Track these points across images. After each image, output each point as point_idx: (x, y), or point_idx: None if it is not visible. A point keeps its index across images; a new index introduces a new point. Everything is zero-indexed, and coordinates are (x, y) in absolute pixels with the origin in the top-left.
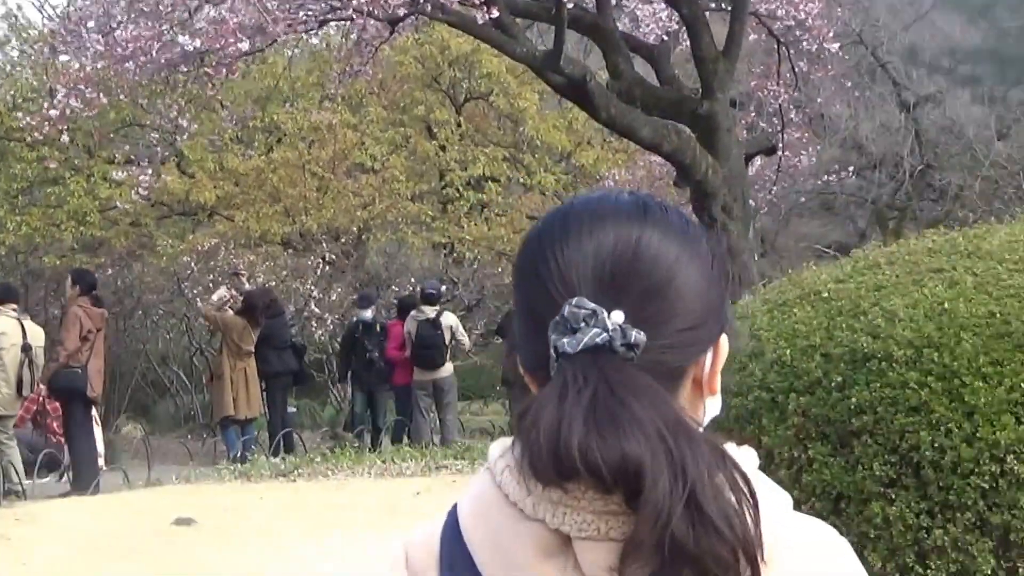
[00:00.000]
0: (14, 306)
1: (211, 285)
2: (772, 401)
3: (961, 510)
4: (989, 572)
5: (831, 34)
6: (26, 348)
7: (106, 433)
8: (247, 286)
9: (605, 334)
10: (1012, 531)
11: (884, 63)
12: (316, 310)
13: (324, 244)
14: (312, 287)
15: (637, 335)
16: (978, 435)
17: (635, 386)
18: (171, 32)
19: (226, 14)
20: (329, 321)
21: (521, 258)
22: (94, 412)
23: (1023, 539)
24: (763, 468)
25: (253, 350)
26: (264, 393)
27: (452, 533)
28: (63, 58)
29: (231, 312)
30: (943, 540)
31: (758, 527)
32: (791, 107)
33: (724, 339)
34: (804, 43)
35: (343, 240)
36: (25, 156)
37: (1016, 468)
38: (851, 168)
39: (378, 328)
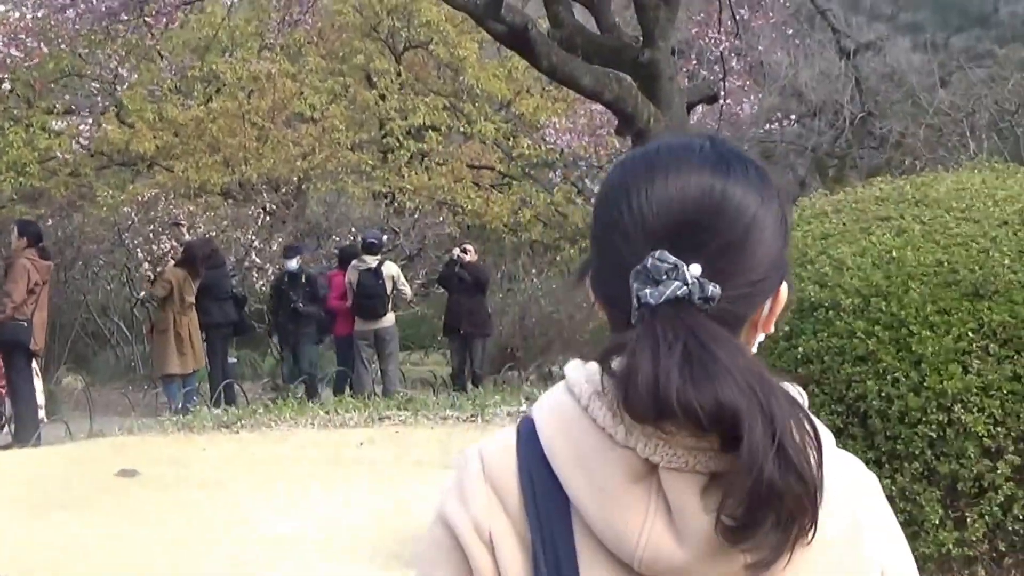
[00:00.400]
0: None
1: (151, 235)
2: None
3: (908, 459)
4: (937, 521)
5: None
6: None
7: (47, 385)
8: (187, 236)
9: (685, 287)
10: (959, 480)
11: (824, 10)
12: (257, 260)
13: (264, 194)
14: (253, 237)
15: (713, 289)
16: (925, 384)
17: (718, 337)
18: None
19: None
20: (270, 271)
21: (603, 196)
22: (35, 364)
23: (970, 488)
24: None
25: (194, 301)
26: (205, 344)
27: (530, 447)
28: (1, 8)
29: (171, 264)
30: (891, 490)
31: (820, 469)
32: (732, 55)
33: (784, 287)
34: None
35: (283, 190)
36: None
37: (963, 417)
38: (792, 116)
39: (304, 279)
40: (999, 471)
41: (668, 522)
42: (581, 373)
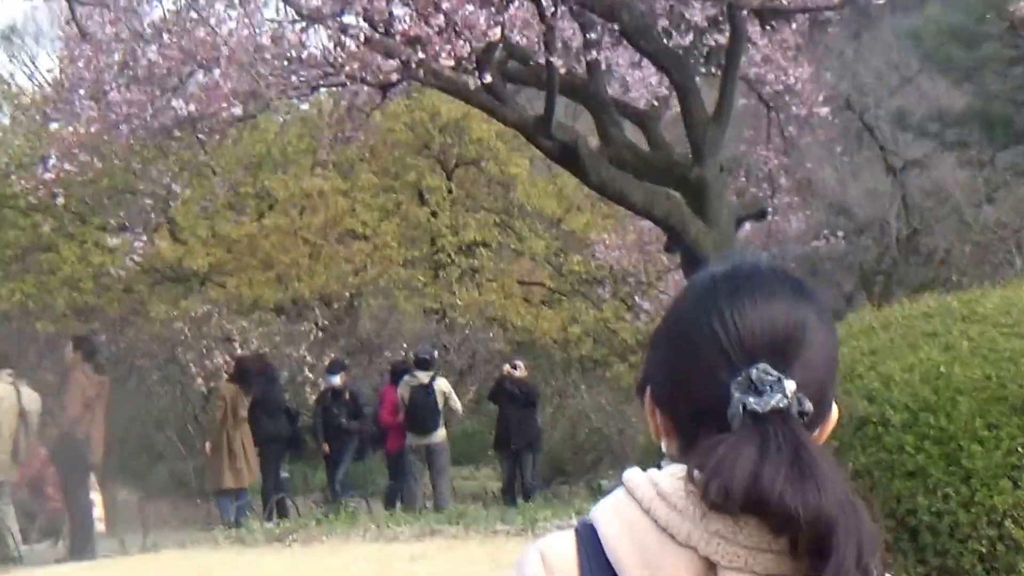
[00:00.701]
0: (9, 371)
1: (204, 351)
2: None
3: (959, 575)
4: None
5: (820, 99)
6: (22, 413)
7: (103, 497)
8: (239, 352)
9: (786, 399)
10: None
11: (871, 127)
12: (309, 375)
13: (317, 310)
14: (305, 353)
15: (808, 404)
16: (975, 499)
17: (819, 449)
18: (164, 97)
19: (219, 79)
20: (322, 386)
21: (683, 315)
22: (93, 478)
23: None
24: None
25: (247, 416)
26: (258, 458)
27: (592, 547)
28: (55, 124)
29: (224, 379)
30: None
31: None
32: (780, 171)
33: (834, 407)
34: (793, 108)
35: (335, 306)
36: (19, 222)
37: (1014, 533)
38: (839, 232)
39: (347, 395)
40: None
41: None
42: (641, 478)
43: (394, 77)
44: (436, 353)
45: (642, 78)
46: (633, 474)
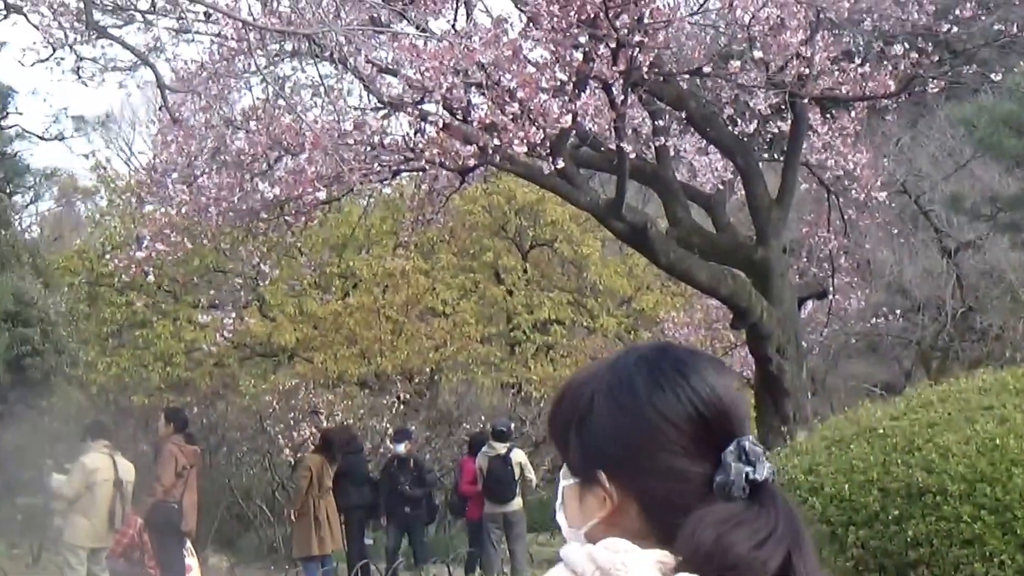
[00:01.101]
0: (106, 443)
1: (292, 423)
2: (832, 534)
3: None
4: None
5: (878, 184)
6: (118, 483)
7: (200, 563)
8: (325, 424)
9: (770, 468)
10: None
11: (927, 211)
12: (391, 447)
13: (399, 384)
14: (388, 425)
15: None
16: None
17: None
18: (252, 181)
19: (304, 164)
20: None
21: (637, 391)
22: (189, 545)
23: None
24: None
25: (331, 486)
26: (343, 526)
27: None
28: (148, 207)
29: (311, 450)
30: None
31: None
32: (840, 253)
33: None
34: (852, 192)
35: (416, 380)
36: (114, 300)
37: None
38: (897, 311)
39: (412, 463)
40: None
41: None
42: (580, 555)
43: (472, 162)
44: (512, 425)
45: (708, 163)
46: (571, 550)
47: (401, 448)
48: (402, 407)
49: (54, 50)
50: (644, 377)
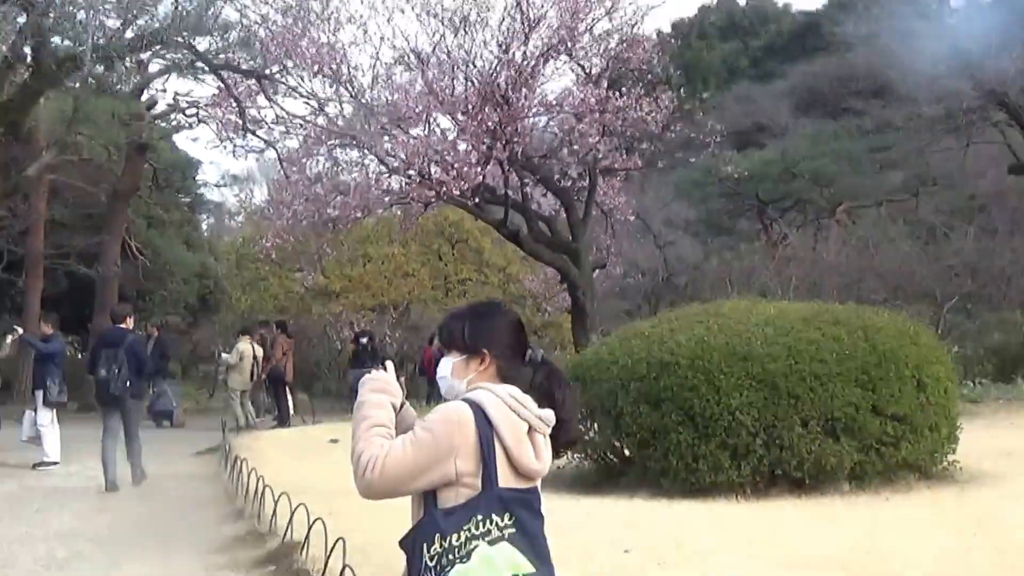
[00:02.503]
0: (248, 337)
1: (338, 328)
2: (621, 385)
3: (714, 438)
4: (729, 466)
5: (630, 211)
6: (254, 357)
7: (293, 398)
8: (357, 329)
9: (540, 352)
10: (740, 449)
11: (649, 226)
12: (363, 341)
13: (391, 310)
14: (387, 330)
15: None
16: (720, 402)
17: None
18: (321, 208)
19: (348, 199)
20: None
21: (504, 319)
22: (288, 388)
23: (747, 449)
24: (616, 419)
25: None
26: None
27: (479, 412)
28: (267, 221)
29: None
30: (705, 452)
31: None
32: (610, 245)
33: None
34: (617, 215)
35: (399, 309)
36: (249, 267)
37: (740, 417)
38: (634, 276)
39: (371, 349)
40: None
41: (534, 453)
42: (498, 388)
43: (432, 200)
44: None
45: (549, 201)
46: (488, 387)
47: (364, 340)
48: (393, 320)
49: (221, 141)
50: (495, 309)
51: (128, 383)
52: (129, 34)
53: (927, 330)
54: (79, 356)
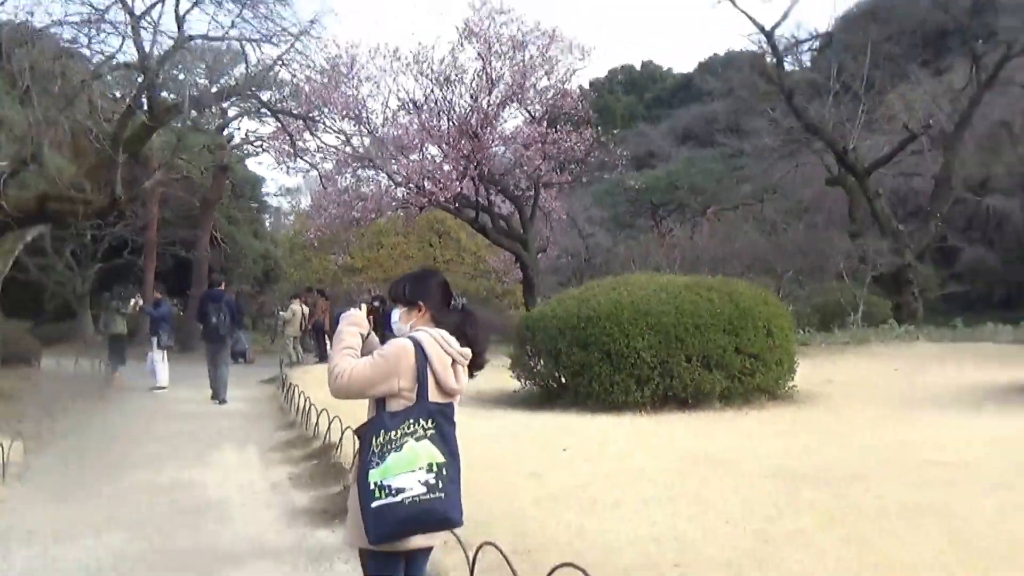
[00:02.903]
0: (298, 299)
1: (359, 294)
2: (559, 331)
3: (624, 370)
4: (635, 390)
5: (564, 212)
6: (303, 314)
7: (330, 342)
8: (372, 294)
9: (463, 300)
10: (642, 378)
11: (580, 227)
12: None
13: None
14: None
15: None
16: (629, 345)
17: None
18: (349, 211)
19: (367, 204)
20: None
21: (432, 282)
22: (326, 336)
23: (648, 378)
24: (555, 357)
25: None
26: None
27: (418, 346)
28: (310, 221)
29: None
30: (618, 380)
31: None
32: (549, 235)
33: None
34: (554, 215)
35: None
36: (299, 252)
37: (643, 355)
38: (565, 257)
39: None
40: (655, 371)
41: (456, 376)
42: (431, 330)
43: (425, 205)
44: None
45: (507, 205)
46: (426, 330)
47: (376, 303)
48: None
49: (278, 164)
50: (428, 273)
51: (228, 326)
52: (214, 89)
53: (772, 294)
54: (180, 313)
